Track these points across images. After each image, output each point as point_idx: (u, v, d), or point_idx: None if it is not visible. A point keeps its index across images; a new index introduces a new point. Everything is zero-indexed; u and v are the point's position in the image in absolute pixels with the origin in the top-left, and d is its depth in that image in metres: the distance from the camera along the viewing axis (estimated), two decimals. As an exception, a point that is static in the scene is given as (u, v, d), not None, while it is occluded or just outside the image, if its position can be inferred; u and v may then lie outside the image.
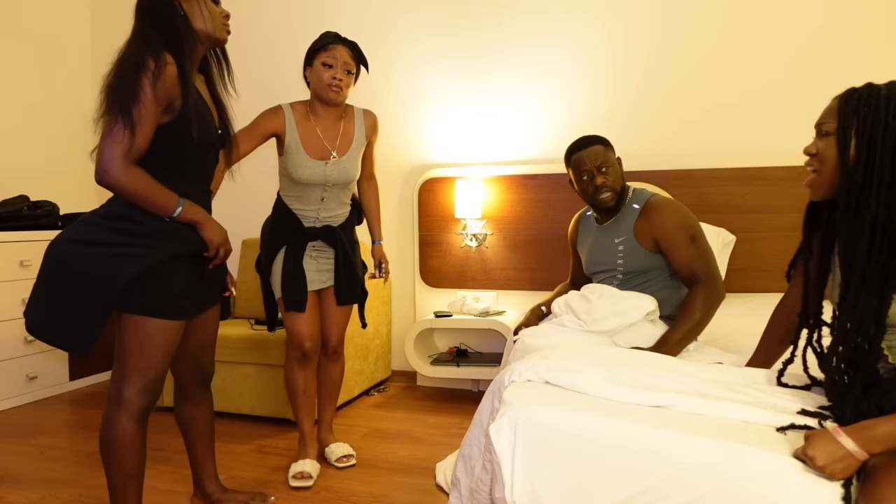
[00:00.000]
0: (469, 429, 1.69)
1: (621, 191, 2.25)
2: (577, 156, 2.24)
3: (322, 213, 2.42)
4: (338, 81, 2.29)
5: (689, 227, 2.13)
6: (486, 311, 3.42)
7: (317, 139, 2.36)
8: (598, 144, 2.23)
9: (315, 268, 2.44)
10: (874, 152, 1.22)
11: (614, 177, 2.22)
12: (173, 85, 1.68)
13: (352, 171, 2.41)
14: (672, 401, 1.36)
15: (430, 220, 3.68)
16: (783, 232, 3.11)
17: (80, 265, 1.70)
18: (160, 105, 1.67)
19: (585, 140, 2.25)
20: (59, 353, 3.64)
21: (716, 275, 2.08)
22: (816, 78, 3.14)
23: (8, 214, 3.50)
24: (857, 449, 1.10)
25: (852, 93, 1.28)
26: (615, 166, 2.24)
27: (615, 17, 3.44)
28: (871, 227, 1.22)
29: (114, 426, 1.79)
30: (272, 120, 2.33)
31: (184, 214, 1.76)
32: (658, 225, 2.14)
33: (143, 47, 1.68)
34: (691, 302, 2.03)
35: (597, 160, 2.21)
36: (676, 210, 2.16)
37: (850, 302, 1.26)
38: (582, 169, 2.23)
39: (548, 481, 1.30)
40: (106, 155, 1.65)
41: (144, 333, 1.74)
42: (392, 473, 2.47)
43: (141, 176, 1.69)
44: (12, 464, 2.64)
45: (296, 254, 2.39)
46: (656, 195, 2.24)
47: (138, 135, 1.65)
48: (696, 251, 2.10)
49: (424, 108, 3.76)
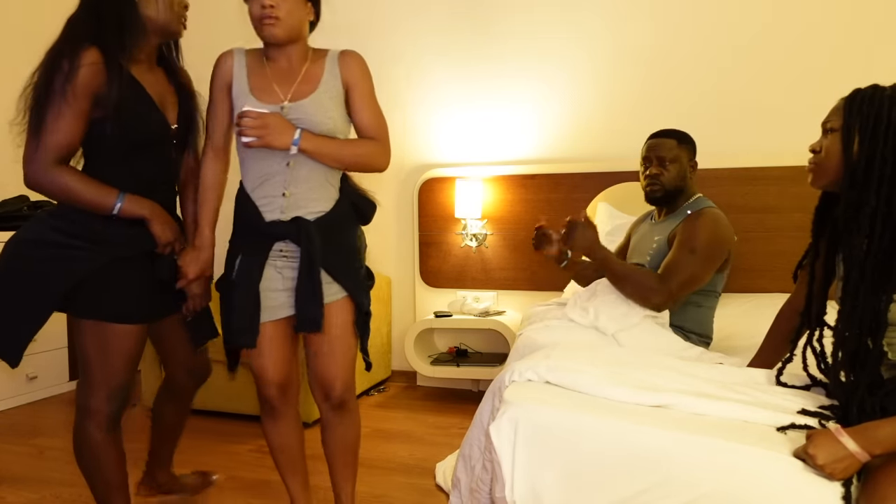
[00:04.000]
0: (469, 429, 1.70)
1: (674, 190, 2.22)
2: (649, 143, 2.27)
3: (291, 198, 1.72)
4: (269, 10, 1.65)
5: (700, 241, 2.06)
6: (486, 311, 3.42)
7: (265, 82, 1.74)
8: (672, 139, 2.23)
9: (281, 284, 1.73)
10: (876, 149, 1.26)
11: (671, 174, 2.20)
12: (94, 81, 1.60)
13: (319, 118, 1.72)
14: (672, 401, 1.36)
15: (430, 220, 3.68)
16: (783, 232, 3.11)
17: (21, 265, 1.65)
18: (79, 103, 1.60)
19: (665, 131, 2.27)
20: (59, 353, 3.63)
21: (671, 283, 2.04)
22: (817, 78, 3.14)
23: (8, 214, 3.50)
24: (859, 450, 1.10)
25: (857, 93, 1.33)
26: (679, 164, 2.21)
27: (614, 18, 3.43)
28: (870, 222, 1.25)
29: (84, 436, 1.76)
30: (221, 68, 1.76)
31: (125, 210, 1.67)
32: (682, 231, 2.13)
33: (63, 44, 1.63)
34: (647, 272, 2.09)
35: (660, 151, 2.22)
36: (706, 226, 2.10)
37: (850, 296, 1.28)
38: (645, 155, 2.26)
39: (548, 481, 1.30)
40: (27, 161, 1.63)
41: (102, 339, 1.69)
42: (392, 473, 2.47)
43: (67, 175, 1.63)
44: (12, 464, 2.64)
45: (251, 262, 1.72)
46: (713, 209, 2.17)
47: (56, 136, 1.60)
48: (683, 261, 2.05)
49: (424, 108, 3.76)
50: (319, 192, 1.75)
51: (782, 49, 3.21)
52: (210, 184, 1.80)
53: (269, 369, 1.77)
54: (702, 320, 2.17)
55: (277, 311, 1.74)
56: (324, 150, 1.70)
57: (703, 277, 2.08)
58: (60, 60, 1.59)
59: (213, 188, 1.80)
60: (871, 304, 1.25)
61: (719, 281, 2.20)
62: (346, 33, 3.86)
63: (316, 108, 1.72)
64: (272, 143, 1.65)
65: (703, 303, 2.18)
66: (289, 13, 1.67)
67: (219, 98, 1.76)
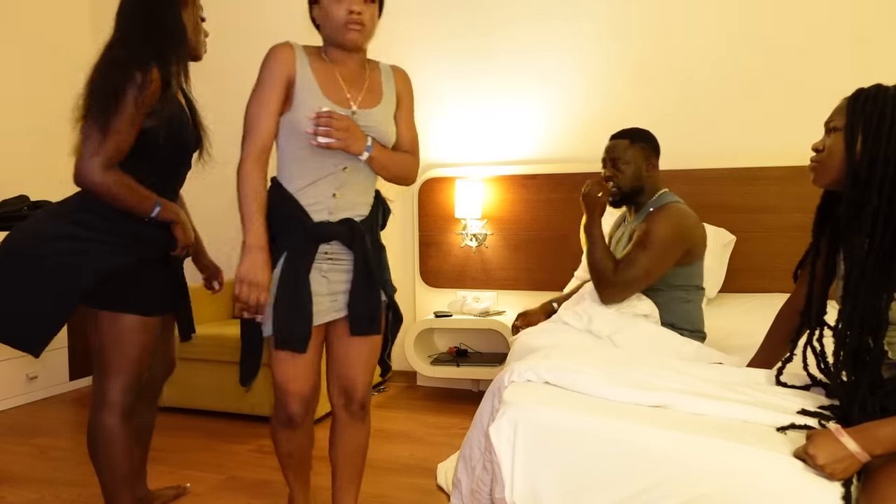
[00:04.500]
0: (469, 429, 1.70)
1: (631, 191, 2.23)
2: (606, 146, 2.29)
3: (341, 200, 1.68)
4: (356, 16, 1.61)
5: (653, 238, 2.08)
6: (486, 311, 3.42)
7: (336, 84, 1.68)
8: (624, 139, 2.25)
9: (326, 289, 1.68)
10: (879, 149, 1.27)
11: (625, 175, 2.21)
12: (155, 96, 1.73)
13: (387, 128, 1.73)
14: (672, 400, 1.36)
15: (430, 220, 3.68)
16: (783, 232, 3.11)
17: (41, 256, 1.70)
18: (141, 114, 1.72)
19: (619, 132, 2.28)
20: (60, 353, 3.63)
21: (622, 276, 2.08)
22: (817, 78, 3.14)
23: (8, 214, 3.50)
24: (859, 450, 1.10)
25: (860, 92, 1.33)
26: (632, 165, 2.21)
27: (613, 18, 3.43)
28: (872, 221, 1.26)
29: (102, 427, 1.80)
30: (282, 59, 1.65)
31: (162, 214, 1.80)
32: (640, 228, 2.15)
33: (131, 55, 1.72)
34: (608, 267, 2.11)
35: (613, 153, 2.24)
36: (662, 222, 2.11)
37: (851, 295, 1.29)
38: (602, 158, 2.28)
39: (548, 481, 1.31)
40: (85, 159, 1.72)
41: (121, 331, 1.77)
42: (392, 473, 2.47)
43: (119, 179, 1.72)
44: (12, 464, 2.64)
45: (299, 264, 1.64)
46: (675, 204, 2.18)
47: (117, 141, 1.69)
48: (634, 256, 2.09)
49: (425, 108, 3.75)
50: (365, 196, 1.75)
51: (782, 49, 3.21)
52: (260, 186, 1.63)
53: (299, 379, 1.69)
54: (691, 315, 2.18)
55: (318, 317, 1.66)
56: (386, 160, 1.72)
57: (656, 272, 2.10)
58: (133, 72, 1.69)
59: (263, 190, 1.64)
60: (872, 302, 1.25)
61: (694, 273, 2.20)
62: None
63: (384, 119, 1.74)
64: (351, 147, 1.63)
65: (688, 298, 2.19)
66: (371, 20, 1.68)
67: (275, 91, 1.64)
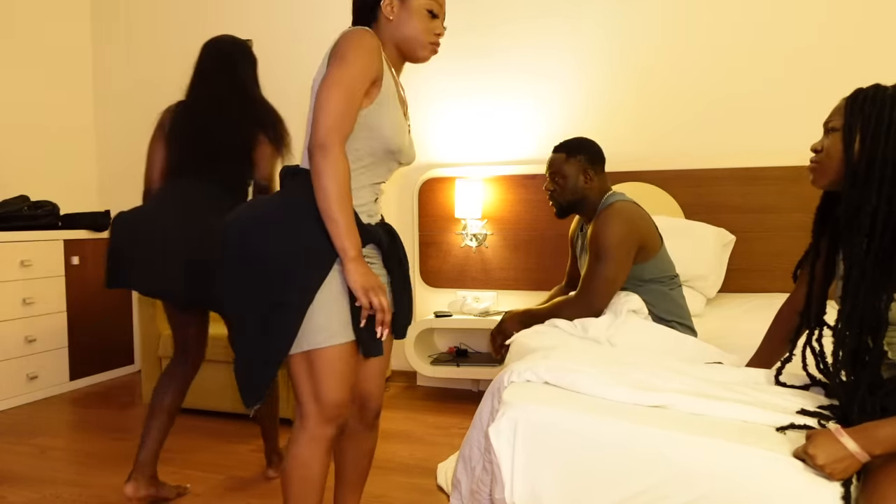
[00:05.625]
0: (469, 430, 1.69)
1: (568, 204, 2.26)
2: (549, 157, 2.30)
3: (376, 205, 1.62)
4: (438, 38, 1.63)
5: (602, 244, 2.10)
6: (486, 311, 3.42)
7: (400, 96, 1.61)
8: (559, 152, 2.26)
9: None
10: (877, 149, 1.27)
11: (561, 188, 2.24)
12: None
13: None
14: (672, 401, 1.36)
15: (430, 220, 3.68)
16: (783, 232, 3.11)
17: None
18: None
19: (558, 146, 2.29)
20: (59, 353, 3.64)
21: (590, 294, 2.11)
22: (816, 78, 3.14)
23: (8, 214, 3.50)
24: (859, 450, 1.10)
25: (859, 92, 1.33)
26: (569, 178, 2.22)
27: (614, 18, 3.44)
28: (871, 221, 1.26)
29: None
30: (375, 52, 1.48)
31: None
32: (590, 238, 2.16)
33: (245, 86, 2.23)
34: (565, 300, 2.19)
35: (551, 167, 2.27)
36: (605, 226, 2.12)
37: (850, 295, 1.29)
38: (546, 171, 2.31)
39: (548, 482, 1.30)
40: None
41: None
42: (392, 473, 2.47)
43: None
44: (12, 464, 2.64)
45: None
46: (615, 204, 2.19)
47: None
48: (592, 269, 2.12)
49: (424, 108, 3.76)
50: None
51: (782, 49, 3.21)
52: (349, 179, 1.45)
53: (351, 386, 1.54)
54: (675, 306, 2.19)
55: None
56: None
57: (621, 275, 2.12)
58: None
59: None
60: (872, 302, 1.25)
61: (660, 266, 2.20)
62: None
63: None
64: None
65: (667, 289, 2.20)
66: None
67: (366, 83, 1.47)
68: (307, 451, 1.50)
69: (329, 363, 1.46)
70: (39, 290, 3.52)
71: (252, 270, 1.44)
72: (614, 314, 2.07)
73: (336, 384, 1.48)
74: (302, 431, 1.50)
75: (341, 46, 1.46)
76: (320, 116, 1.40)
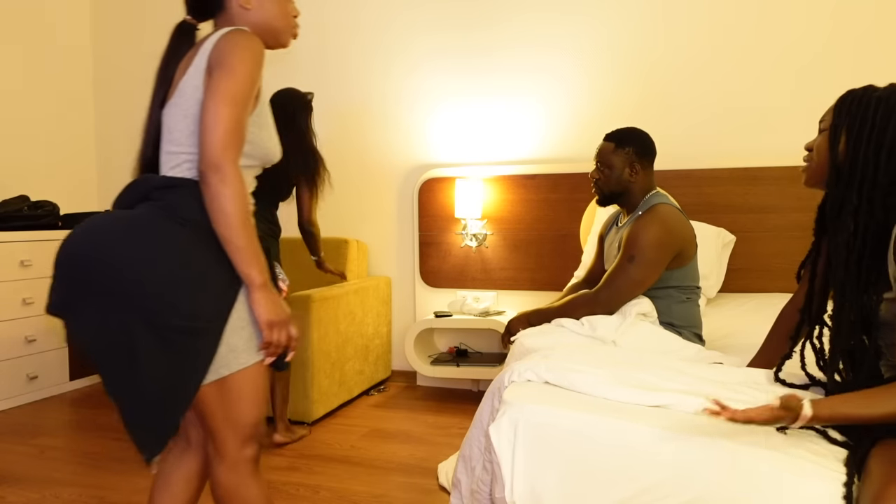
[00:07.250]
0: (469, 429, 1.70)
1: (612, 194, 2.24)
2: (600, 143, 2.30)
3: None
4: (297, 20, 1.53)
5: (639, 246, 2.07)
6: (486, 311, 3.43)
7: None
8: (609, 142, 2.25)
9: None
10: (860, 149, 1.29)
11: (606, 178, 2.23)
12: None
13: None
14: (672, 401, 1.36)
15: (430, 220, 3.68)
16: (783, 232, 3.11)
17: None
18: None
19: (609, 134, 2.27)
20: (59, 353, 3.64)
21: (612, 291, 2.10)
22: (816, 78, 3.14)
23: (8, 214, 3.50)
24: (809, 413, 1.14)
25: (849, 93, 1.35)
26: (615, 169, 2.21)
27: (615, 17, 3.44)
28: (853, 219, 1.28)
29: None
30: (261, 58, 1.35)
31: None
32: (627, 236, 2.14)
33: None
34: (580, 296, 2.18)
35: (599, 155, 2.25)
36: (647, 228, 2.10)
37: (838, 293, 1.31)
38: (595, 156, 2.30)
39: (548, 481, 1.31)
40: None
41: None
42: (392, 473, 2.47)
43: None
44: (12, 464, 2.64)
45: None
46: (661, 206, 2.17)
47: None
48: (621, 267, 2.10)
49: (424, 108, 3.76)
50: None
51: (782, 49, 3.21)
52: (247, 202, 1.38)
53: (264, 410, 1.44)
54: (689, 314, 2.18)
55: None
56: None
57: (648, 280, 2.10)
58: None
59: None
60: (861, 301, 1.27)
61: (689, 274, 2.19)
62: (344, 33, 3.88)
63: None
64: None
65: (687, 297, 2.19)
66: None
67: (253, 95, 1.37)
68: (234, 479, 1.36)
69: (246, 384, 1.34)
70: (39, 290, 3.52)
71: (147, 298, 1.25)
72: (623, 315, 2.06)
73: (253, 404, 1.36)
74: (219, 463, 1.36)
75: (227, 54, 1.31)
76: (212, 135, 1.26)
